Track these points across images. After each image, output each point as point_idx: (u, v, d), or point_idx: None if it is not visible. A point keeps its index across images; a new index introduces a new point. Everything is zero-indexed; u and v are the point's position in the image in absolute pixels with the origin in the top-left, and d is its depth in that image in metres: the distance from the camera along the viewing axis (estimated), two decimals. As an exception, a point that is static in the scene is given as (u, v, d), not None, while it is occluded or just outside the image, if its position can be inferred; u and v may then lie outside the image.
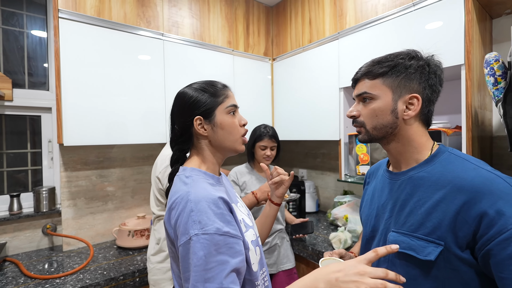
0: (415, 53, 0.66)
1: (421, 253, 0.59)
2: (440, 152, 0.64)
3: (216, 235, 0.59)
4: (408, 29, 1.34)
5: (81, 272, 1.32)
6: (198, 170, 0.72)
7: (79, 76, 1.38)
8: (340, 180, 1.67)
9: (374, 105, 0.66)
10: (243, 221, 0.73)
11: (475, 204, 0.54)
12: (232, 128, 0.75)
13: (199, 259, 0.57)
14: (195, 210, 0.61)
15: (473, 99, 1.18)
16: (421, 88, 0.64)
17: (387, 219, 0.69)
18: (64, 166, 1.59)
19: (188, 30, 1.76)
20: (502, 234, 0.50)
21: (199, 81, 0.78)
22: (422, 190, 0.62)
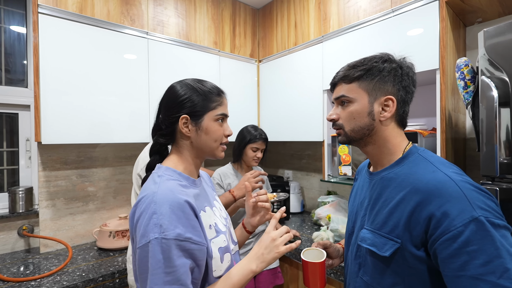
0: (388, 56, 0.69)
1: (381, 249, 0.62)
2: (410, 154, 0.66)
3: (177, 241, 0.59)
4: (388, 34, 1.39)
5: (59, 274, 1.28)
6: (173, 170, 0.72)
7: (59, 74, 1.35)
8: (323, 181, 1.70)
9: (351, 108, 0.68)
10: (214, 226, 0.72)
11: (426, 205, 0.56)
12: (216, 135, 0.74)
13: (158, 262, 0.57)
14: (157, 212, 0.60)
15: (447, 102, 1.23)
16: (395, 90, 0.67)
17: (362, 216, 0.73)
18: (42, 165, 1.54)
19: (173, 30, 1.75)
20: (445, 235, 0.53)
21: (195, 79, 0.77)
22: (389, 190, 0.65)
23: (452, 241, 0.52)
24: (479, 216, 0.51)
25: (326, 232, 1.55)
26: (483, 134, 0.89)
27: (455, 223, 0.52)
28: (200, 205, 0.71)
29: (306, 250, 0.83)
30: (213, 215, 0.75)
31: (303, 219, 2.07)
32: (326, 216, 1.72)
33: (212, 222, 0.72)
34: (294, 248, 0.73)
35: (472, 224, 0.51)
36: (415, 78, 0.70)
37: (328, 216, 1.71)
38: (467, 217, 0.51)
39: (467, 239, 0.50)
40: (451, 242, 0.52)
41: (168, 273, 0.57)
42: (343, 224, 1.58)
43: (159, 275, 0.57)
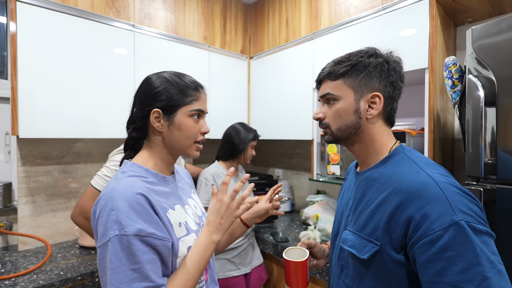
0: (374, 50, 0.67)
1: (360, 252, 0.61)
2: (395, 153, 0.64)
3: (139, 236, 0.57)
4: (379, 31, 1.37)
5: (35, 272, 1.24)
6: (139, 166, 0.69)
7: (39, 65, 1.30)
8: (312, 180, 1.68)
9: (337, 106, 0.66)
10: (185, 224, 0.70)
11: (406, 207, 0.54)
12: (190, 132, 0.71)
13: (121, 260, 0.55)
14: (115, 208, 0.57)
15: (436, 102, 1.22)
16: (382, 86, 0.64)
17: (346, 217, 0.71)
18: (22, 160, 1.49)
19: (161, 23, 1.71)
20: (424, 238, 0.51)
21: (174, 72, 0.74)
22: (372, 191, 0.63)
23: (430, 245, 0.50)
24: (460, 220, 0.49)
25: (314, 231, 1.54)
26: (469, 134, 0.87)
27: (434, 226, 0.50)
28: (168, 203, 0.69)
29: (289, 249, 0.82)
30: (183, 214, 0.72)
31: (292, 218, 2.05)
32: (314, 215, 1.70)
33: (182, 220, 0.70)
34: (250, 206, 0.75)
35: (452, 229, 0.49)
36: (403, 73, 0.68)
37: (316, 216, 1.69)
38: (447, 220, 0.49)
39: (446, 244, 0.48)
40: (429, 246, 0.50)
41: (134, 270, 0.55)
42: (330, 224, 1.56)
43: (124, 273, 0.54)
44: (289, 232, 1.76)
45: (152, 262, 0.58)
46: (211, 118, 1.97)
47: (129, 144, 0.75)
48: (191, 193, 0.85)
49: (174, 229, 0.66)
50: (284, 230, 1.80)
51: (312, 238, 1.49)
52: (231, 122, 2.08)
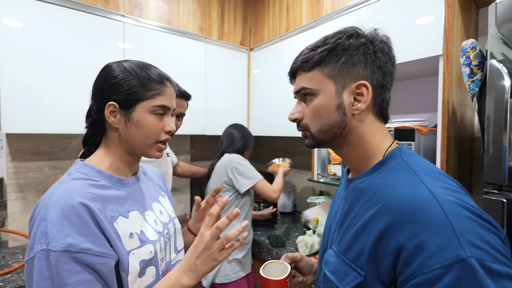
0: (354, 30, 0.53)
1: (342, 281, 0.48)
2: (391, 158, 0.51)
3: (69, 253, 0.48)
4: (386, 15, 1.21)
5: (18, 271, 1.20)
6: (90, 167, 0.60)
7: (20, 58, 1.25)
8: (312, 180, 1.55)
9: (316, 102, 0.53)
10: (138, 235, 0.60)
11: (396, 232, 0.41)
12: (150, 130, 0.62)
13: (45, 280, 0.46)
14: (47, 219, 0.49)
15: (451, 95, 1.06)
16: (369, 72, 0.51)
17: (333, 231, 0.58)
18: (11, 155, 1.46)
19: (153, 13, 1.62)
20: (417, 277, 0.38)
21: (136, 61, 0.65)
22: (360, 205, 0.51)
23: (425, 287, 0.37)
24: (469, 257, 0.35)
25: (312, 236, 1.41)
26: (489, 132, 0.72)
27: (432, 262, 0.37)
28: (121, 209, 0.60)
29: (269, 264, 0.70)
30: (140, 221, 0.63)
31: (293, 220, 1.94)
32: (314, 218, 1.58)
33: (136, 230, 0.60)
34: (238, 245, 0.59)
35: (456, 268, 0.35)
36: (393, 55, 0.54)
37: (316, 219, 1.56)
38: (449, 256, 0.36)
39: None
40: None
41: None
42: (331, 229, 1.43)
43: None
44: (289, 235, 1.65)
45: (85, 284, 0.49)
46: (209, 114, 1.87)
47: (87, 140, 0.67)
48: (159, 197, 0.75)
49: (123, 241, 0.57)
50: (283, 233, 1.68)
51: (310, 244, 1.37)
52: (229, 117, 1.98)
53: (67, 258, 0.48)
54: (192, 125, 1.78)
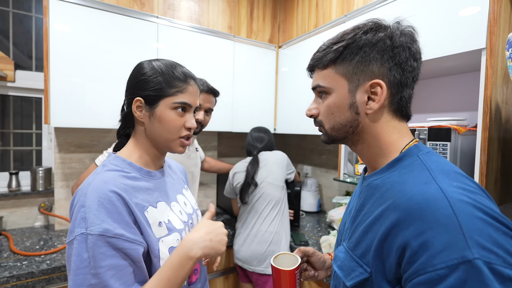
0: (374, 23, 0.51)
1: (347, 276, 0.48)
2: (407, 155, 0.49)
3: (104, 237, 0.52)
4: (423, 7, 1.14)
5: (62, 252, 1.33)
6: (122, 159, 0.65)
7: (68, 58, 1.37)
8: (337, 180, 1.52)
9: (329, 101, 0.53)
10: (166, 224, 0.65)
11: (402, 230, 0.40)
12: (171, 126, 0.65)
13: (83, 261, 0.51)
14: (86, 205, 0.54)
15: (495, 92, 0.97)
16: (385, 70, 0.49)
17: (346, 229, 0.58)
18: (58, 147, 1.62)
19: (185, 14, 1.69)
20: (419, 276, 0.36)
21: (165, 60, 0.70)
22: (371, 202, 0.50)
23: (428, 287, 0.35)
24: (475, 259, 0.33)
25: (336, 237, 1.38)
26: (535, 133, 0.65)
27: (435, 261, 0.35)
28: (150, 200, 0.64)
29: (280, 255, 0.71)
30: (167, 211, 0.67)
31: (318, 220, 1.91)
32: (339, 219, 1.54)
33: (164, 219, 0.65)
34: None
35: (461, 269, 0.34)
36: (417, 48, 0.51)
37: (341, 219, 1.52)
38: (455, 256, 0.34)
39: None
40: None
41: (94, 275, 0.51)
42: (356, 231, 1.39)
43: (84, 276, 0.51)
44: (312, 234, 1.63)
45: (116, 268, 0.53)
46: (236, 111, 1.91)
47: (119, 132, 0.73)
48: (183, 189, 0.79)
49: (153, 229, 0.62)
50: (307, 232, 1.67)
51: (333, 244, 1.34)
52: (256, 115, 2.00)
53: (103, 242, 0.52)
54: (219, 122, 1.83)
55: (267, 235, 1.42)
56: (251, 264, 1.42)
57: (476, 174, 0.98)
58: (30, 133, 1.77)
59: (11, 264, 1.20)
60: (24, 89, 1.69)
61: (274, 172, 1.51)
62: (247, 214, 1.49)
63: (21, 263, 1.21)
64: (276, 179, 1.50)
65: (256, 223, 1.45)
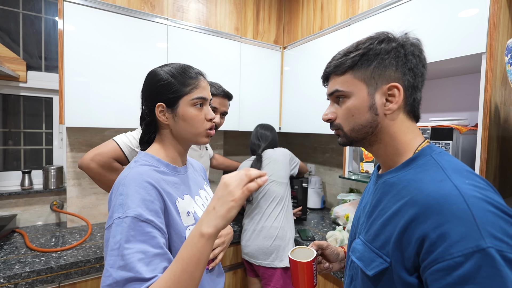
0: (385, 34, 0.57)
1: (367, 266, 0.53)
2: (421, 155, 0.54)
3: (137, 220, 0.56)
4: (425, 12, 1.19)
5: (77, 248, 1.37)
6: (151, 156, 0.70)
7: (82, 60, 1.41)
8: (342, 177, 1.57)
9: (348, 104, 0.57)
10: (193, 214, 0.70)
11: (421, 223, 0.45)
12: (195, 121, 0.71)
13: (116, 243, 0.55)
14: (123, 193, 0.59)
15: (494, 93, 1.03)
16: (400, 74, 0.55)
17: (362, 223, 0.63)
18: (70, 146, 1.65)
19: (193, 15, 1.73)
20: (438, 263, 0.41)
21: (175, 64, 0.75)
22: (388, 198, 0.55)
23: (446, 273, 0.40)
24: (489, 247, 0.38)
25: (342, 232, 1.44)
26: (533, 132, 0.71)
27: (453, 250, 0.40)
28: (178, 192, 0.70)
29: (297, 249, 0.77)
30: (193, 203, 0.73)
31: (322, 216, 1.96)
32: (344, 215, 1.60)
33: (191, 209, 0.70)
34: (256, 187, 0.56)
35: (476, 256, 0.38)
36: (424, 57, 0.57)
37: (346, 216, 1.58)
38: (470, 245, 0.39)
39: (467, 275, 0.38)
40: (445, 274, 0.40)
41: (123, 256, 0.54)
42: (361, 226, 1.45)
43: (116, 257, 0.54)
44: (317, 230, 1.69)
45: (145, 253, 0.55)
46: (242, 111, 1.95)
47: (143, 139, 0.77)
48: (204, 185, 0.85)
49: (182, 218, 0.67)
50: (313, 228, 1.72)
51: (340, 239, 1.40)
52: (262, 114, 2.05)
53: (135, 225, 0.56)
54: (227, 121, 1.87)
55: (272, 230, 1.47)
56: (258, 258, 1.47)
57: (477, 172, 1.04)
58: (40, 133, 1.80)
59: (29, 259, 1.24)
60: (35, 89, 1.73)
61: (278, 169, 1.56)
62: (253, 211, 1.54)
63: (39, 259, 1.25)
64: (280, 176, 1.55)
65: (261, 219, 1.50)
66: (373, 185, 0.65)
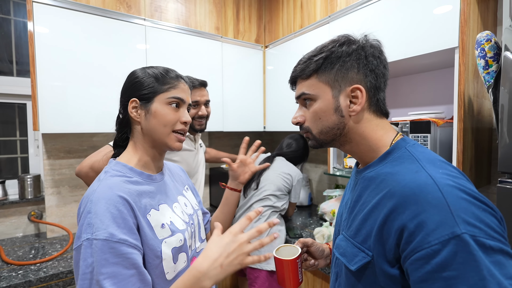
0: (346, 37, 0.58)
1: (350, 261, 0.53)
2: (396, 148, 0.55)
3: (108, 242, 0.53)
4: (402, 7, 1.22)
5: (58, 259, 1.32)
6: (123, 165, 0.66)
7: (57, 63, 1.35)
8: (327, 173, 1.59)
9: (315, 107, 0.58)
10: (169, 225, 0.66)
11: (399, 214, 0.45)
12: (166, 120, 0.68)
13: (88, 267, 0.52)
14: (92, 211, 0.55)
15: (467, 87, 1.07)
16: (362, 76, 0.56)
17: (344, 219, 0.64)
18: (47, 154, 1.59)
19: (172, 15, 1.69)
20: (417, 252, 0.42)
21: (159, 67, 0.72)
22: (367, 192, 0.55)
23: (424, 262, 0.41)
24: (463, 233, 0.39)
25: (328, 228, 1.46)
26: (503, 123, 0.74)
27: (430, 239, 0.41)
28: (152, 203, 0.66)
29: (282, 247, 0.77)
30: (169, 213, 0.69)
31: (310, 213, 1.98)
32: (331, 211, 1.62)
33: (167, 221, 0.67)
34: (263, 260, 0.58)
35: (452, 243, 0.39)
36: (385, 58, 0.58)
37: (332, 211, 1.60)
38: (446, 233, 0.40)
39: (444, 262, 0.39)
40: (424, 263, 0.41)
41: (96, 281, 0.52)
42: (347, 221, 1.47)
43: (89, 281, 0.52)
44: (305, 227, 1.70)
45: (118, 277, 0.52)
46: (226, 111, 1.94)
47: (117, 142, 0.74)
48: (183, 190, 0.82)
49: (156, 231, 0.63)
50: (300, 225, 1.73)
51: (327, 235, 1.41)
52: (246, 114, 2.05)
53: (107, 248, 0.53)
54: (211, 122, 1.83)
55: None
56: None
57: (454, 162, 1.07)
58: (14, 140, 1.72)
59: (5, 274, 1.18)
60: (7, 95, 1.64)
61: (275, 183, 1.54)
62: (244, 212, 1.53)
63: (16, 273, 1.19)
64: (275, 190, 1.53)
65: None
66: (353, 181, 0.66)
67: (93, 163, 1.06)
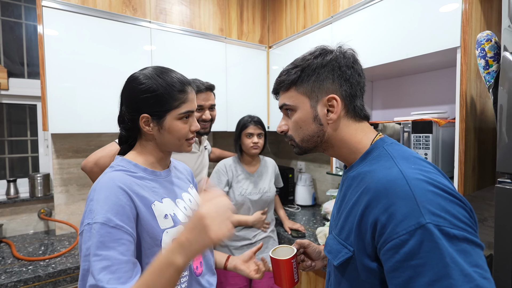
0: (322, 49, 0.60)
1: (335, 258, 0.56)
2: (374, 148, 0.57)
3: (106, 226, 0.56)
4: (405, 8, 1.22)
5: (66, 255, 1.36)
6: (128, 161, 0.70)
7: (66, 65, 1.39)
8: (330, 173, 1.59)
9: (296, 117, 0.61)
10: (172, 216, 0.70)
11: (373, 208, 0.48)
12: (180, 134, 0.72)
13: (87, 249, 0.55)
14: (94, 199, 0.60)
15: (469, 86, 1.06)
16: (337, 86, 0.58)
17: (334, 219, 0.66)
18: (56, 153, 1.64)
19: (177, 18, 1.72)
20: (388, 243, 0.44)
21: (162, 69, 0.72)
22: (350, 191, 0.58)
23: (394, 252, 0.43)
24: (427, 223, 0.42)
25: (331, 228, 1.46)
26: (502, 123, 0.74)
27: (398, 229, 0.43)
28: (156, 196, 0.70)
29: (279, 247, 0.80)
30: (172, 206, 0.72)
31: (313, 213, 1.99)
32: (333, 211, 1.62)
33: (170, 212, 0.70)
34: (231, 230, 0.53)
35: (418, 233, 0.42)
36: (359, 67, 0.60)
37: (335, 211, 1.61)
38: (412, 223, 0.42)
39: (412, 251, 0.42)
40: (394, 253, 0.43)
41: (92, 262, 0.54)
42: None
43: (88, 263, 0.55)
44: (308, 227, 1.70)
45: (111, 260, 0.54)
46: (230, 111, 1.96)
47: (122, 140, 0.77)
48: (188, 188, 0.84)
49: (158, 221, 0.67)
50: (304, 225, 1.74)
51: (329, 234, 1.42)
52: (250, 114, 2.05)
53: (104, 231, 0.55)
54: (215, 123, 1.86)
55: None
56: None
57: (456, 163, 1.07)
58: (25, 140, 1.78)
59: (16, 269, 1.22)
60: (18, 97, 1.70)
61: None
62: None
63: (26, 268, 1.23)
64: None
65: None
66: (341, 182, 0.68)
67: (98, 159, 1.08)
